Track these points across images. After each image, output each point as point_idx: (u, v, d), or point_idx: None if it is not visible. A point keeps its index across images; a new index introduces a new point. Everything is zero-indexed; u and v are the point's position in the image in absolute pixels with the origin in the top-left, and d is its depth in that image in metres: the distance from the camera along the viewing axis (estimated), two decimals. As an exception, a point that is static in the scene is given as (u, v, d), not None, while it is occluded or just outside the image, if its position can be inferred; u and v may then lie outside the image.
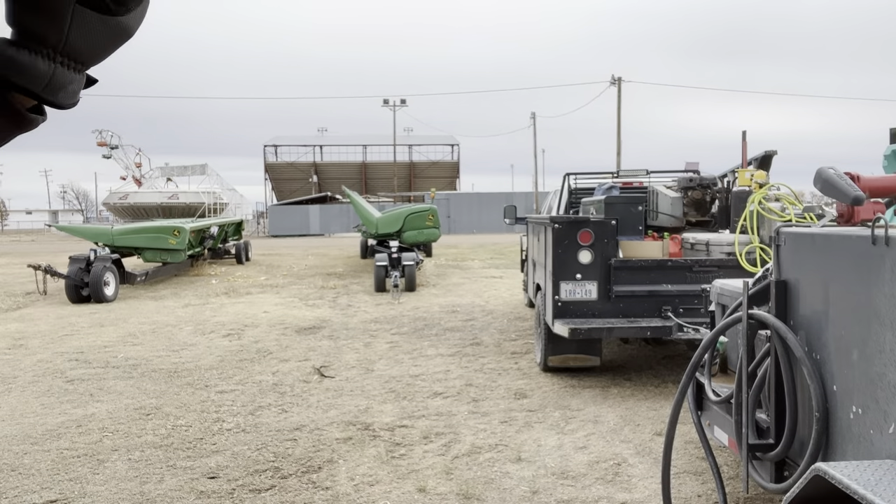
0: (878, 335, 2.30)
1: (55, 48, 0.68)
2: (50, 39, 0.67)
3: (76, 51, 0.70)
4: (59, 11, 0.66)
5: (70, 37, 0.68)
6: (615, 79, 34.19)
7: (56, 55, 0.69)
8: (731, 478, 4.10)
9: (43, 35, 0.67)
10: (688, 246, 7.04)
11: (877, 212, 2.77)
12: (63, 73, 0.70)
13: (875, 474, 2.00)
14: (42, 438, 5.05)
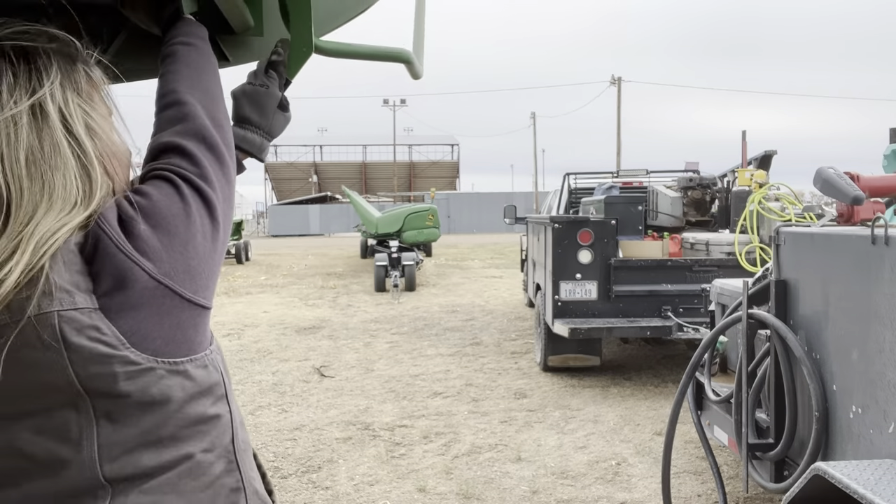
0: (877, 335, 2.30)
1: (263, 130, 1.22)
2: (263, 126, 1.22)
3: (272, 131, 1.24)
4: (269, 112, 1.23)
5: (272, 124, 1.24)
6: (615, 79, 34.19)
7: (263, 135, 1.22)
8: (731, 477, 4.10)
9: (259, 124, 1.22)
10: (688, 246, 7.04)
11: (877, 212, 2.77)
12: (264, 142, 1.22)
13: (875, 474, 2.00)
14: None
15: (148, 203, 0.85)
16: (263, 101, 1.20)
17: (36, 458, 0.77)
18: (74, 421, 0.78)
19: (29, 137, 0.81)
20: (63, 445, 0.78)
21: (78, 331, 0.76)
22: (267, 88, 1.21)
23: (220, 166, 0.97)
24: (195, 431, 0.85)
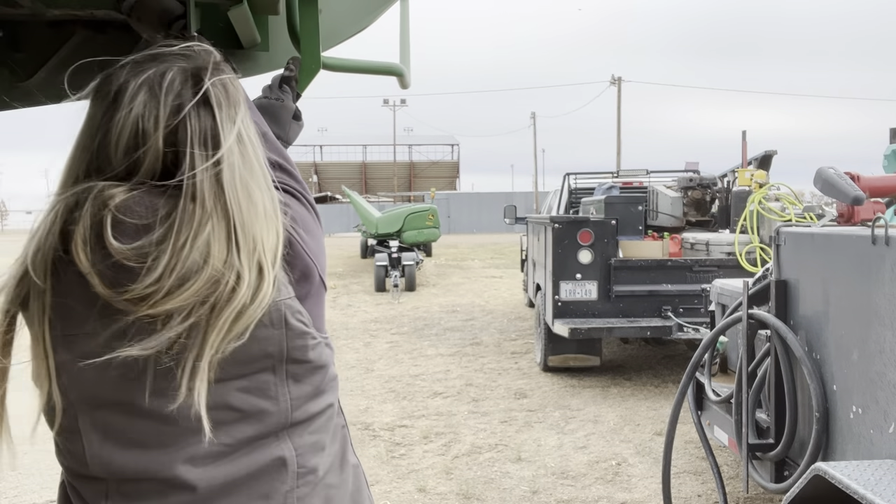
0: (878, 335, 2.30)
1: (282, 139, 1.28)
2: (281, 136, 1.29)
3: (288, 139, 1.33)
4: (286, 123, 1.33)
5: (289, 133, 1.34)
6: (615, 79, 34.19)
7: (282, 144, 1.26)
8: (731, 478, 4.10)
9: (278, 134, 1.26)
10: (688, 246, 7.04)
11: (877, 212, 2.77)
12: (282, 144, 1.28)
13: (875, 474, 2.00)
14: (42, 438, 5.05)
15: (294, 213, 1.07)
16: (280, 114, 1.33)
17: (243, 410, 0.99)
18: (272, 382, 1.01)
19: (239, 162, 0.96)
20: (264, 400, 1.00)
21: (292, 314, 1.01)
22: (282, 102, 1.35)
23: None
24: (333, 386, 1.11)
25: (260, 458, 1.01)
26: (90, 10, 1.38)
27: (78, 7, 1.37)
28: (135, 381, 0.94)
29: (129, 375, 0.93)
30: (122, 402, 0.96)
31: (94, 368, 0.93)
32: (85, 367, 0.95)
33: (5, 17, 1.43)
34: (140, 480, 0.97)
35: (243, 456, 1.00)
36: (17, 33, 1.54)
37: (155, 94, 0.95)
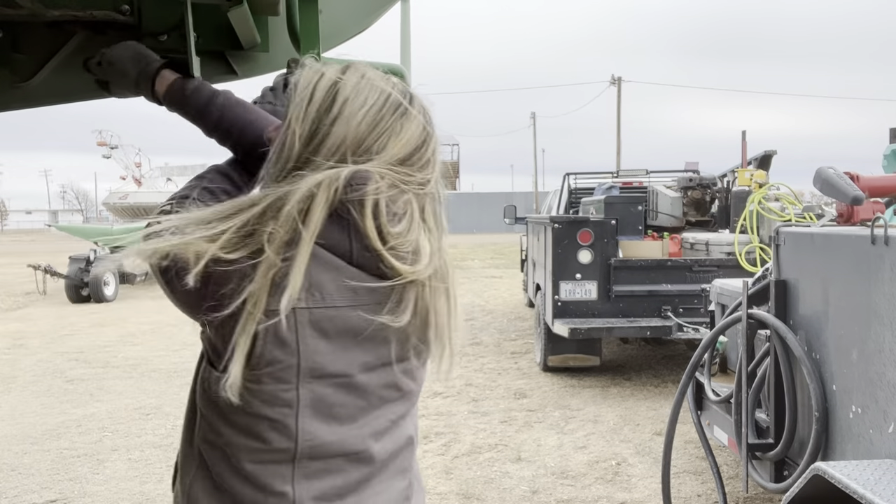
0: (877, 335, 2.30)
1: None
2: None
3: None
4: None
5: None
6: (615, 79, 34.17)
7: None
8: (730, 477, 4.10)
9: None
10: (688, 246, 7.04)
11: (876, 212, 2.77)
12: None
13: (875, 474, 2.00)
14: (42, 438, 5.05)
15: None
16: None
17: (402, 389, 1.07)
18: (416, 365, 1.09)
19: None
20: (412, 382, 1.09)
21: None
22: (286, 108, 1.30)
23: None
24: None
25: (402, 435, 1.09)
26: (90, 11, 1.38)
27: (78, 8, 1.37)
28: (355, 354, 1.02)
29: (359, 351, 1.01)
30: (340, 375, 1.01)
31: (329, 340, 0.99)
32: (321, 339, 0.98)
33: (5, 17, 1.43)
34: (330, 457, 1.01)
35: (396, 433, 1.08)
36: (17, 34, 1.54)
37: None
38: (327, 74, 1.08)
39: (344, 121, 1.04)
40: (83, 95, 1.65)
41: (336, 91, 1.06)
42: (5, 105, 1.67)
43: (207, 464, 1.03)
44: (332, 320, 0.98)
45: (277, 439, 0.99)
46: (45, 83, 1.59)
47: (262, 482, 1.00)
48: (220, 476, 1.01)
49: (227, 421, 1.00)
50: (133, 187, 57.77)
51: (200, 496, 1.03)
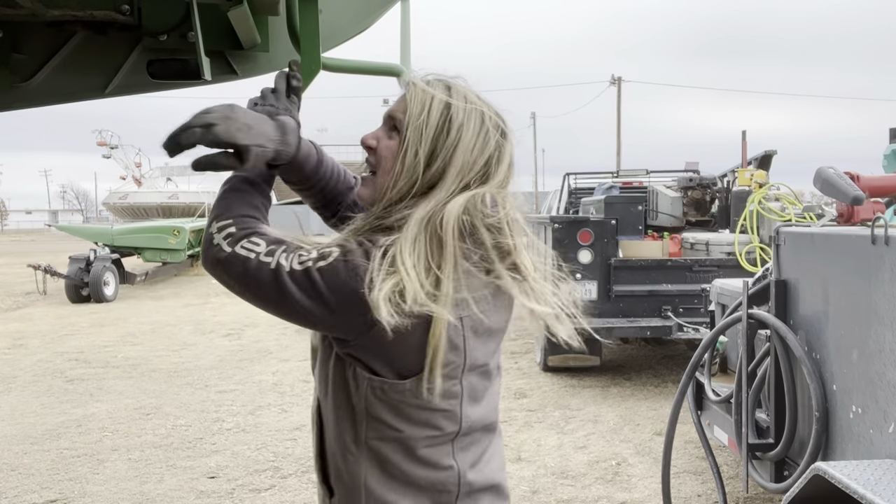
0: (878, 335, 2.30)
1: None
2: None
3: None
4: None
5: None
6: (615, 79, 34.16)
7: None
8: (730, 477, 4.10)
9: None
10: (688, 246, 7.04)
11: (877, 212, 2.77)
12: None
13: (875, 474, 2.00)
14: (42, 438, 5.05)
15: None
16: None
17: (500, 368, 1.26)
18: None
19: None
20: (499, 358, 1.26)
21: None
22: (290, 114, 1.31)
23: None
24: None
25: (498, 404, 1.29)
26: (90, 11, 1.38)
27: (78, 8, 1.37)
28: (495, 347, 1.22)
29: (492, 343, 1.20)
30: (483, 365, 1.20)
31: (478, 338, 1.17)
32: (476, 339, 1.16)
33: (5, 17, 1.43)
34: (475, 432, 1.20)
35: (498, 403, 1.28)
36: (17, 34, 1.54)
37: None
38: (437, 96, 1.17)
39: (462, 148, 1.16)
40: (83, 95, 1.65)
41: (450, 116, 1.17)
42: (5, 105, 1.67)
43: (380, 457, 1.16)
44: (481, 322, 1.15)
45: (448, 425, 1.17)
46: (45, 83, 1.59)
47: (433, 461, 1.17)
48: (397, 465, 1.16)
49: (405, 418, 1.15)
50: (133, 187, 57.62)
51: (377, 487, 1.16)
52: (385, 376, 1.13)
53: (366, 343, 1.11)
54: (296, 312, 1.11)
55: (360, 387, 1.15)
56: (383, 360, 1.13)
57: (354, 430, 1.17)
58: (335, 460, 1.21)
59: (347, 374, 1.15)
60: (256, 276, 1.11)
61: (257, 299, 1.13)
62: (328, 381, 1.19)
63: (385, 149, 1.20)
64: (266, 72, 1.62)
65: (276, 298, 1.11)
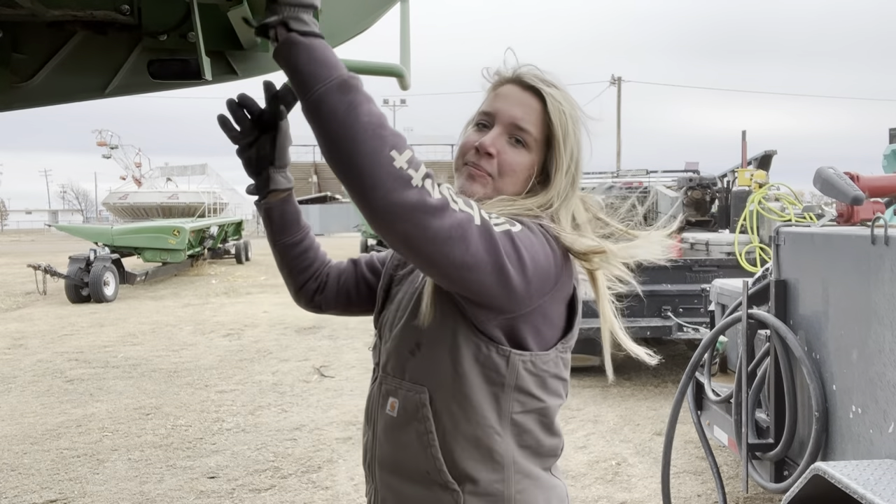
0: (877, 335, 2.30)
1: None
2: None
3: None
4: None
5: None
6: (615, 79, 34.17)
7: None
8: (730, 477, 4.10)
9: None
10: (687, 246, 7.04)
11: (876, 212, 2.77)
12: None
13: (875, 474, 2.00)
14: (42, 438, 5.05)
15: None
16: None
17: None
18: None
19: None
20: None
21: None
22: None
23: None
24: None
25: None
26: (90, 11, 1.38)
27: (78, 7, 1.37)
28: None
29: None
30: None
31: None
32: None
33: (5, 17, 1.43)
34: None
35: None
36: (17, 34, 1.54)
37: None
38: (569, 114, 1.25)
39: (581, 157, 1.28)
40: (83, 95, 1.65)
41: (578, 135, 1.27)
42: (5, 105, 1.67)
43: (521, 430, 1.20)
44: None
45: (565, 394, 1.28)
46: (45, 83, 1.59)
47: (556, 429, 1.27)
48: (534, 435, 1.22)
49: (546, 388, 1.21)
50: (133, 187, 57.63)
51: (522, 460, 1.20)
52: (532, 349, 1.18)
53: (531, 314, 1.15)
54: (491, 276, 1.05)
55: (510, 363, 1.16)
56: (536, 331, 1.17)
57: (499, 408, 1.18)
58: (466, 449, 1.17)
59: (488, 353, 1.15)
60: (466, 231, 1.01)
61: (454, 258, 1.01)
62: (457, 365, 1.15)
63: (516, 164, 1.23)
64: (266, 72, 1.61)
65: (481, 258, 1.03)
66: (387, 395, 1.25)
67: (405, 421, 1.21)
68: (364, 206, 0.99)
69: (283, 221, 1.41)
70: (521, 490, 1.20)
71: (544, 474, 1.24)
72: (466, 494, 1.17)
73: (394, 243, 1.02)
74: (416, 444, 1.19)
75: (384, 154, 0.98)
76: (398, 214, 0.97)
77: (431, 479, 1.19)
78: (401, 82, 1.77)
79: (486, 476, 1.18)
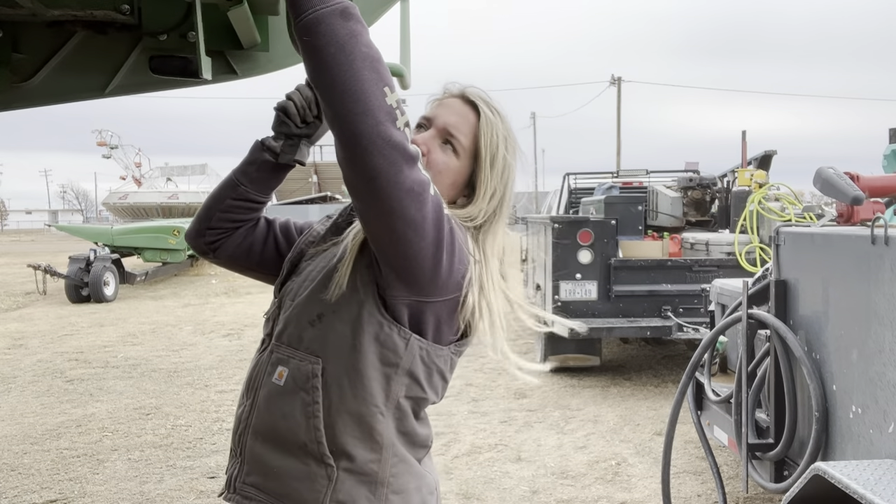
0: (877, 335, 2.30)
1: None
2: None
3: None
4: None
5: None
6: (615, 79, 34.15)
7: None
8: (730, 477, 4.10)
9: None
10: (688, 246, 7.04)
11: (876, 212, 2.77)
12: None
13: (875, 474, 2.00)
14: (42, 438, 5.05)
15: None
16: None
17: None
18: None
19: None
20: None
21: None
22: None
23: None
24: None
25: None
26: (90, 11, 1.38)
27: (78, 7, 1.37)
28: None
29: None
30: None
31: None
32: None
33: (5, 17, 1.43)
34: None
35: None
36: (17, 34, 1.54)
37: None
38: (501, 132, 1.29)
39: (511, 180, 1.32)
40: (83, 95, 1.65)
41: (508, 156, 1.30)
42: (5, 105, 1.67)
43: (402, 414, 1.24)
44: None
45: (441, 395, 1.33)
46: (45, 83, 1.59)
47: (428, 423, 1.33)
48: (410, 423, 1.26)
49: (431, 382, 1.27)
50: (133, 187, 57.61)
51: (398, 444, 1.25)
52: (430, 339, 1.21)
53: (437, 306, 1.18)
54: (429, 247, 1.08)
55: (409, 346, 1.19)
56: (437, 324, 1.20)
57: (388, 389, 1.20)
58: (348, 424, 1.18)
59: (389, 332, 1.17)
60: (425, 191, 1.05)
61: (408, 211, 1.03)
62: (356, 340, 1.17)
63: (442, 164, 1.25)
64: (266, 71, 1.61)
65: (428, 225, 1.07)
66: (276, 364, 1.23)
67: (292, 390, 1.20)
68: (347, 131, 0.99)
69: (265, 178, 1.42)
70: (396, 474, 1.22)
71: (416, 463, 1.27)
72: (341, 471, 1.18)
73: (359, 176, 1.01)
74: (300, 414, 1.18)
75: (379, 87, 1.00)
76: (379, 147, 0.98)
77: (308, 451, 1.18)
78: (401, 81, 1.78)
79: (363, 454, 1.19)
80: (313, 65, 1.00)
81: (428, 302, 1.17)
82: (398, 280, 1.14)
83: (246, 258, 1.49)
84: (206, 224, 1.44)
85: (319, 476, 1.18)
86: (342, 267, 1.18)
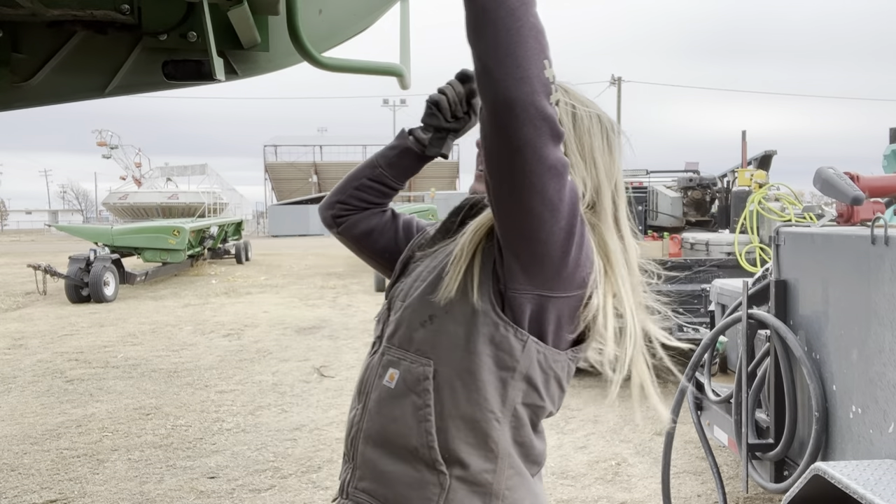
0: (877, 335, 2.30)
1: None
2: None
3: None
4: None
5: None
6: (615, 79, 34.17)
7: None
8: (730, 477, 4.10)
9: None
10: (688, 246, 7.04)
11: (876, 212, 2.77)
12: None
13: (874, 474, 2.00)
14: (42, 438, 5.05)
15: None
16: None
17: None
18: None
19: None
20: None
21: None
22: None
23: None
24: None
25: None
26: (90, 11, 1.38)
27: (78, 7, 1.37)
28: None
29: None
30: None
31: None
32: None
33: (5, 17, 1.43)
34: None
35: None
36: (17, 34, 1.54)
37: None
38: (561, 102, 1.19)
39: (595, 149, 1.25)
40: (83, 95, 1.65)
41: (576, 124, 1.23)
42: (5, 105, 1.67)
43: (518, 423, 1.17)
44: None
45: (558, 405, 1.24)
46: (45, 83, 1.59)
47: (544, 437, 1.24)
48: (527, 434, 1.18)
49: (548, 390, 1.19)
50: (133, 187, 57.58)
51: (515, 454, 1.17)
52: (548, 343, 1.14)
53: (562, 303, 1.12)
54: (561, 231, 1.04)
55: (526, 349, 1.12)
56: (558, 325, 1.14)
57: (504, 394, 1.13)
58: (461, 430, 1.12)
59: (505, 334, 1.11)
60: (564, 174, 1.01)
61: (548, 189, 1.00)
62: (470, 341, 1.11)
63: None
64: (266, 71, 1.61)
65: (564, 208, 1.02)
66: (387, 366, 1.20)
67: (403, 393, 1.15)
68: (502, 96, 0.95)
69: (405, 165, 1.43)
70: (511, 487, 1.14)
71: (532, 479, 1.19)
72: (453, 479, 1.11)
73: (505, 145, 0.98)
74: (411, 417, 1.13)
75: (540, 59, 0.97)
76: (531, 116, 0.95)
77: (419, 457, 1.12)
78: (401, 81, 1.78)
79: (477, 463, 1.12)
80: (481, 23, 0.97)
81: (552, 297, 1.10)
82: (522, 271, 1.08)
83: (366, 240, 1.46)
84: (338, 197, 1.46)
85: (431, 483, 1.12)
86: (455, 266, 1.14)
